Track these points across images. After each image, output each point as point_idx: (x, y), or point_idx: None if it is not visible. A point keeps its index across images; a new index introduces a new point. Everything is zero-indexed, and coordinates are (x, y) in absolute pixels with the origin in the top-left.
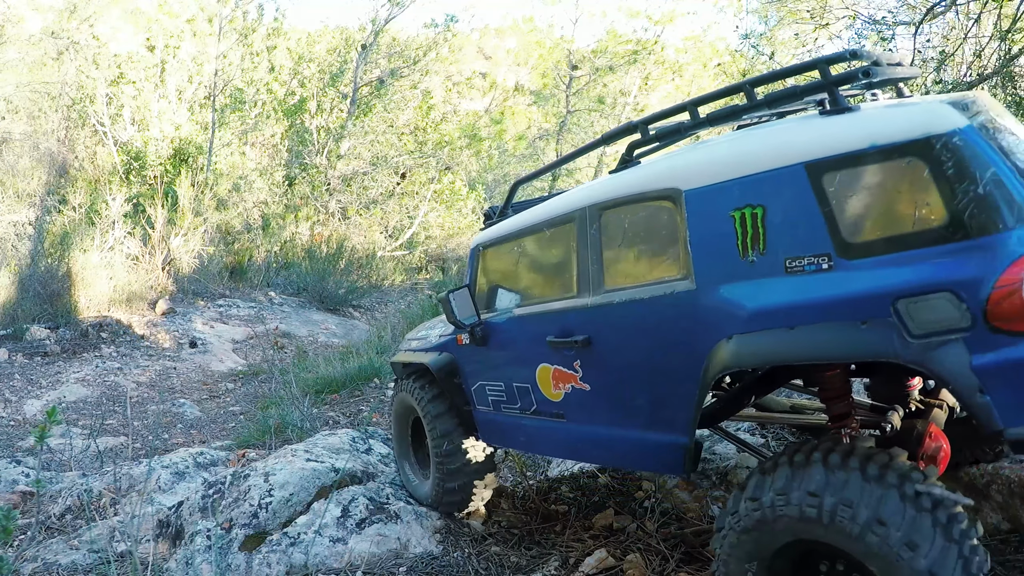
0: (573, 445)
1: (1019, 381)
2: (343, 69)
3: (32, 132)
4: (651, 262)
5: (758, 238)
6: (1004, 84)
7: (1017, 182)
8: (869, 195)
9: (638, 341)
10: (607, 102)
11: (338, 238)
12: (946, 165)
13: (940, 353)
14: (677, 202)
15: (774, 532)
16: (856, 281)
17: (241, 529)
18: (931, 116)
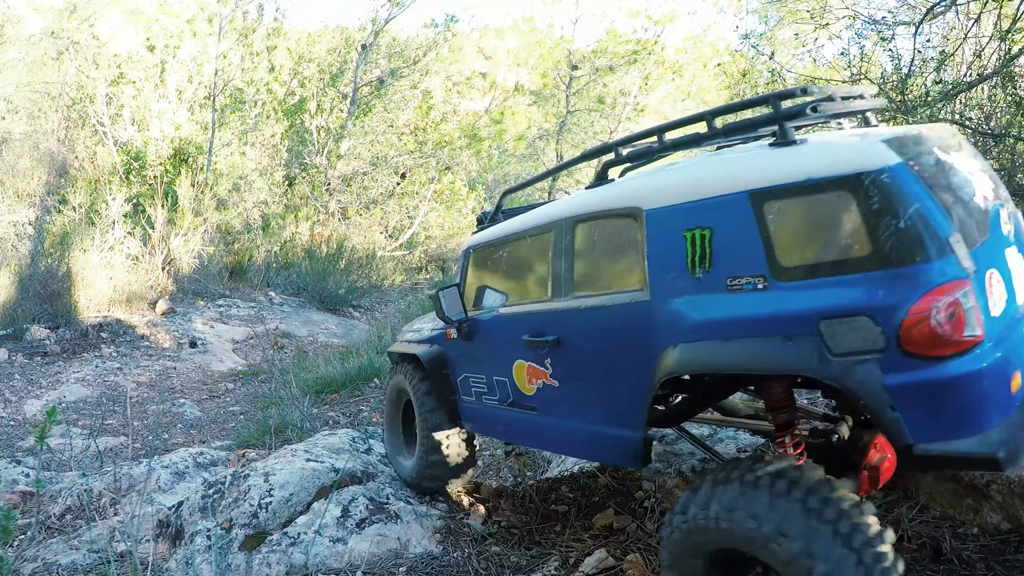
0: (543, 436)
1: (927, 402)
2: (343, 69)
3: (32, 132)
4: (615, 272)
5: (705, 257)
6: (1004, 84)
7: (941, 218)
8: (803, 224)
9: (600, 343)
10: (607, 102)
11: (338, 238)
12: (872, 200)
13: (856, 371)
14: (639, 219)
15: (701, 540)
16: (786, 301)
17: (241, 529)
18: (864, 154)
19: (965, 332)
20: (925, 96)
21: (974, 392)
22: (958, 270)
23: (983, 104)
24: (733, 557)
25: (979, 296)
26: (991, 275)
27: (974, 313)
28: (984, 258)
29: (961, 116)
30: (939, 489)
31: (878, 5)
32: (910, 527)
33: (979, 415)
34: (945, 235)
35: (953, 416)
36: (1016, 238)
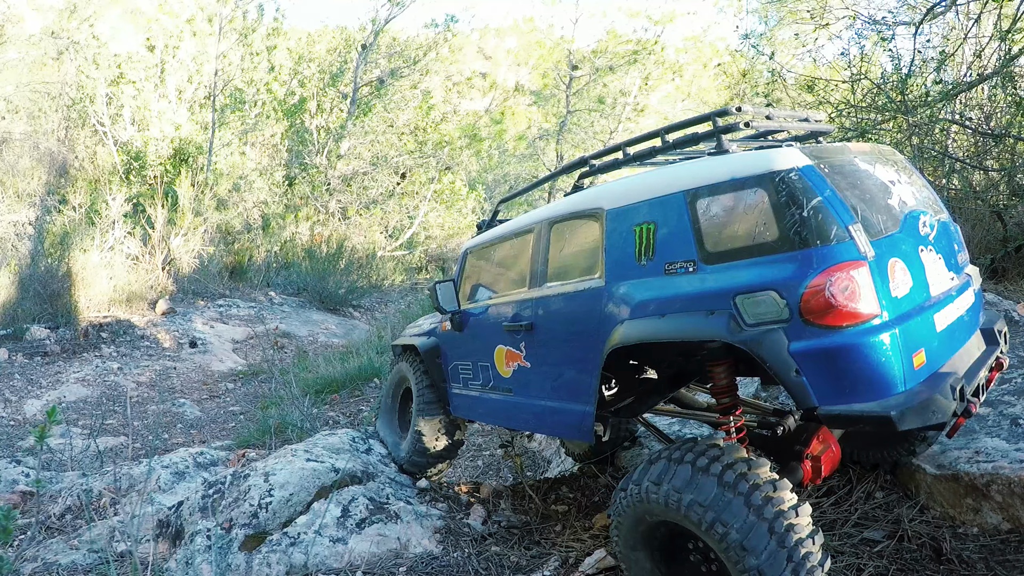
0: (517, 415)
1: (826, 366)
2: (343, 69)
3: (32, 132)
4: (580, 263)
5: (649, 247)
6: (1004, 84)
7: (842, 210)
8: (726, 216)
9: (564, 325)
10: (607, 102)
11: (338, 238)
12: (782, 194)
13: (764, 339)
14: (600, 218)
15: (637, 513)
16: (709, 281)
17: (241, 529)
18: (779, 157)
19: (859, 306)
20: (925, 96)
21: (869, 359)
22: (855, 253)
23: (983, 104)
24: (673, 530)
25: (876, 277)
26: (894, 263)
27: (869, 291)
28: (888, 248)
29: (961, 116)
30: (939, 489)
31: (878, 5)
32: (910, 527)
33: (875, 380)
34: (844, 224)
35: (851, 380)
36: (937, 242)
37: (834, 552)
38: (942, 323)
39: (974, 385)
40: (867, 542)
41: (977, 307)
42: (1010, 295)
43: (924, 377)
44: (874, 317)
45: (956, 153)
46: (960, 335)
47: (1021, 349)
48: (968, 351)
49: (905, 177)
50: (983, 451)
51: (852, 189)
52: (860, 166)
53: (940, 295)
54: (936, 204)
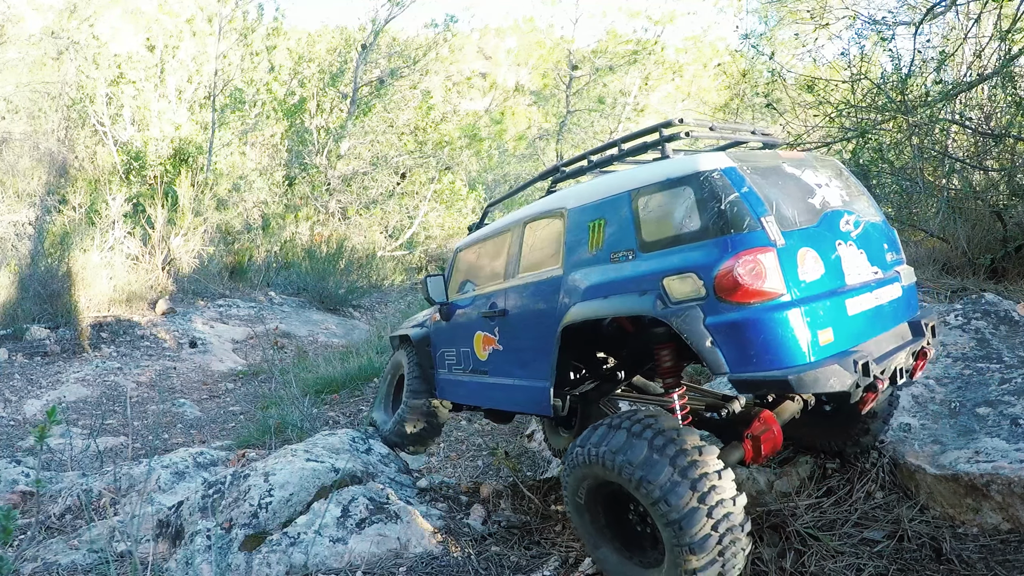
0: (491, 394)
1: (736, 337)
2: (343, 69)
3: (32, 132)
4: (545, 256)
5: (599, 239)
6: (1004, 84)
7: (757, 204)
8: (660, 210)
9: (530, 311)
10: (607, 102)
11: (338, 238)
12: (704, 190)
13: (685, 314)
14: (563, 216)
15: (582, 473)
16: (643, 266)
17: (241, 529)
18: (705, 160)
19: (764, 285)
20: (925, 96)
21: (773, 332)
22: (764, 240)
23: (983, 104)
24: (614, 493)
25: (784, 262)
26: (805, 252)
27: (775, 273)
28: (800, 239)
29: (961, 116)
30: (939, 489)
31: (878, 5)
32: (910, 527)
33: (779, 351)
34: (757, 216)
35: (757, 350)
36: (860, 239)
37: (834, 552)
38: (855, 309)
39: (886, 366)
40: (867, 542)
41: (904, 301)
42: (1010, 295)
43: (831, 353)
44: (779, 296)
45: (956, 153)
46: (879, 322)
47: (1021, 349)
48: (887, 338)
49: (836, 182)
50: (983, 451)
51: (772, 188)
52: (786, 170)
53: (856, 284)
54: (869, 209)
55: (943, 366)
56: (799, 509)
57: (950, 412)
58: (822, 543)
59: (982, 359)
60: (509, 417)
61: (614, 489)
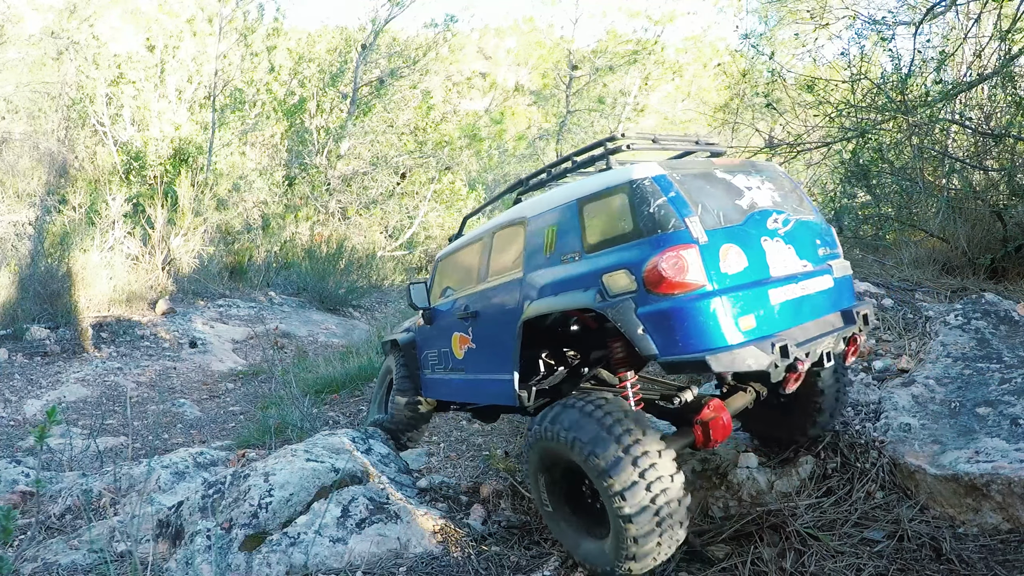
0: (467, 389)
1: (664, 325)
2: (343, 69)
3: (32, 132)
4: (509, 261)
5: (553, 244)
6: (1004, 84)
7: (682, 207)
8: (601, 215)
9: (496, 311)
10: (607, 102)
11: (338, 238)
12: (636, 196)
13: (620, 306)
14: (524, 225)
15: (539, 449)
16: (587, 266)
17: (241, 529)
18: (638, 169)
19: (687, 278)
20: (925, 96)
21: (695, 319)
22: (687, 238)
23: (983, 104)
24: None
25: (706, 257)
26: (727, 247)
27: (697, 267)
28: (724, 236)
29: (961, 116)
30: (939, 489)
31: (878, 5)
32: (910, 527)
33: (701, 335)
34: (682, 217)
35: (682, 334)
36: (788, 235)
37: (834, 552)
38: (779, 298)
39: (809, 349)
40: (867, 542)
41: (835, 291)
42: (1010, 295)
43: (752, 338)
44: (702, 287)
45: (956, 153)
46: (805, 310)
47: (1021, 349)
48: (815, 324)
49: (770, 185)
50: (983, 451)
51: (700, 192)
52: (718, 175)
53: (781, 276)
54: (803, 209)
55: (943, 366)
56: (799, 509)
57: (950, 412)
58: (822, 543)
59: (982, 359)
60: (495, 415)
61: (568, 466)
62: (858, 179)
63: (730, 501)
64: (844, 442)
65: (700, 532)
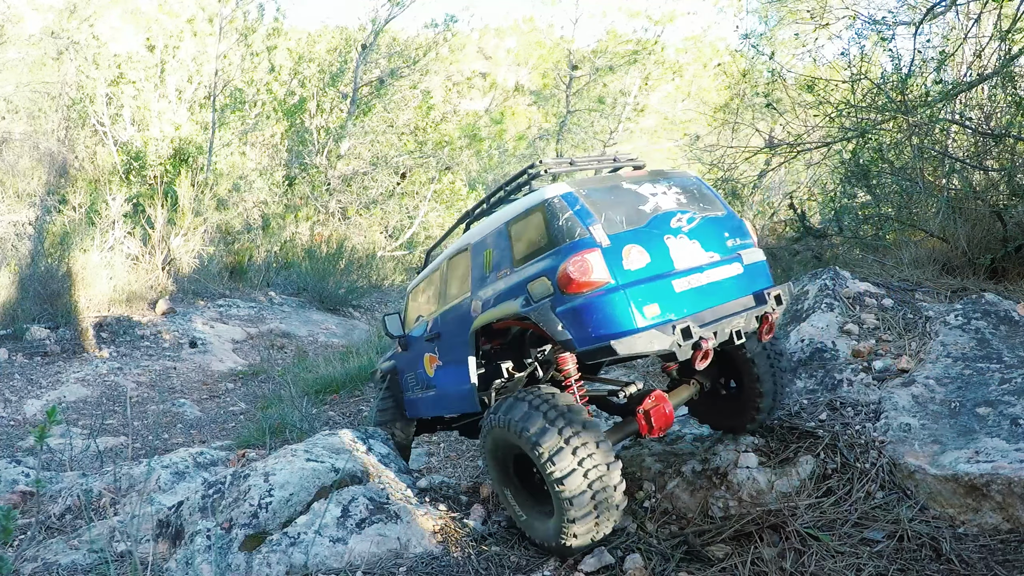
0: (439, 403)
1: (576, 319)
2: (343, 69)
3: (32, 132)
4: (461, 284)
5: (490, 263)
6: (1004, 84)
7: (587, 217)
8: (524, 233)
9: (454, 329)
10: (607, 102)
11: (338, 238)
12: (549, 213)
13: (542, 308)
14: (469, 250)
15: (494, 437)
16: (516, 278)
17: (241, 529)
18: (550, 189)
19: (592, 277)
20: (925, 96)
21: (603, 311)
22: (591, 243)
23: (983, 104)
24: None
25: (609, 258)
26: (630, 248)
27: (601, 267)
28: (626, 238)
29: (961, 116)
30: (939, 489)
31: (878, 5)
32: (910, 527)
33: (609, 324)
34: (586, 225)
35: (593, 326)
36: (692, 232)
37: (834, 552)
38: (683, 287)
39: (717, 329)
40: (867, 542)
41: (746, 277)
42: (1010, 295)
43: (657, 323)
44: (607, 284)
45: (956, 153)
46: (713, 295)
47: (1021, 349)
48: (723, 307)
49: (675, 190)
50: (983, 451)
51: (605, 203)
52: (624, 187)
53: (685, 268)
54: (712, 207)
55: (943, 366)
56: (799, 509)
57: (950, 412)
58: (822, 543)
59: (982, 359)
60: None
61: (520, 454)
62: (858, 179)
63: (730, 501)
64: (844, 442)
65: (700, 532)
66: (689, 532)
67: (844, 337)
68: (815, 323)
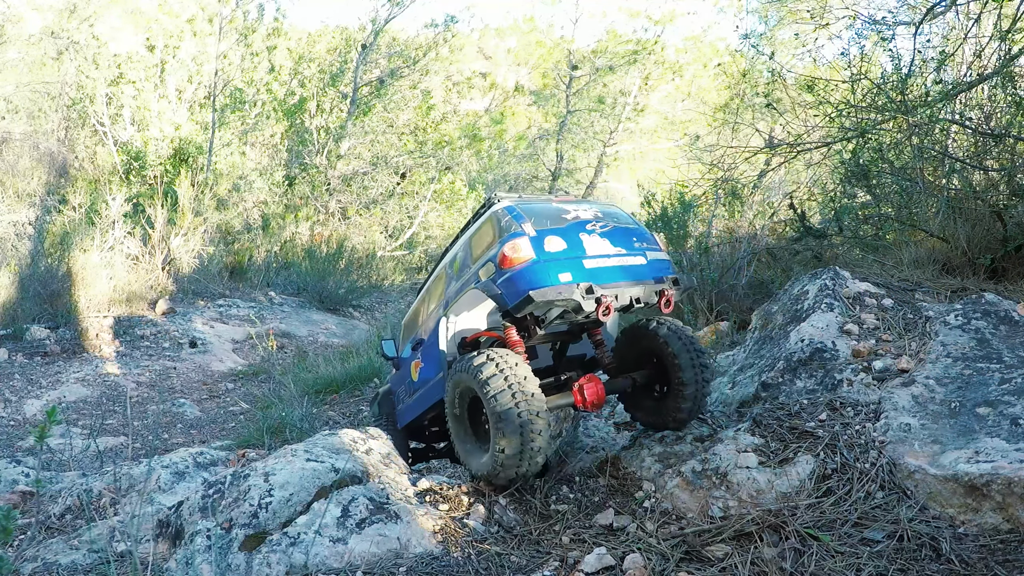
0: (421, 401)
1: (509, 284)
2: (343, 69)
3: (32, 132)
4: (438, 299)
5: (457, 269)
6: (1004, 84)
7: (520, 219)
8: (480, 239)
9: (431, 328)
10: (607, 102)
11: (338, 238)
12: (495, 219)
13: (489, 283)
14: (444, 273)
15: (456, 382)
16: (474, 270)
17: (241, 529)
18: (499, 204)
19: (520, 255)
20: (925, 96)
21: (527, 275)
22: (520, 234)
23: (983, 104)
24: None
25: (534, 243)
26: (551, 237)
27: (527, 248)
28: (548, 232)
29: (961, 116)
30: (939, 489)
31: (878, 5)
32: (910, 527)
33: (530, 283)
34: (520, 223)
35: (520, 287)
36: (603, 235)
37: (834, 552)
38: (592, 264)
39: (619, 293)
40: (867, 542)
41: (649, 267)
42: (1010, 295)
43: (569, 283)
44: (532, 259)
45: (956, 153)
46: (618, 274)
47: (1021, 349)
48: (624, 284)
49: (595, 210)
50: (983, 451)
51: (536, 212)
52: (552, 205)
53: (595, 254)
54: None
55: (943, 366)
56: (799, 509)
57: (950, 412)
58: (822, 543)
59: (982, 359)
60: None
61: (474, 395)
62: (858, 179)
63: (730, 501)
64: (844, 442)
65: (700, 532)
66: (689, 532)
67: (844, 337)
68: (815, 323)
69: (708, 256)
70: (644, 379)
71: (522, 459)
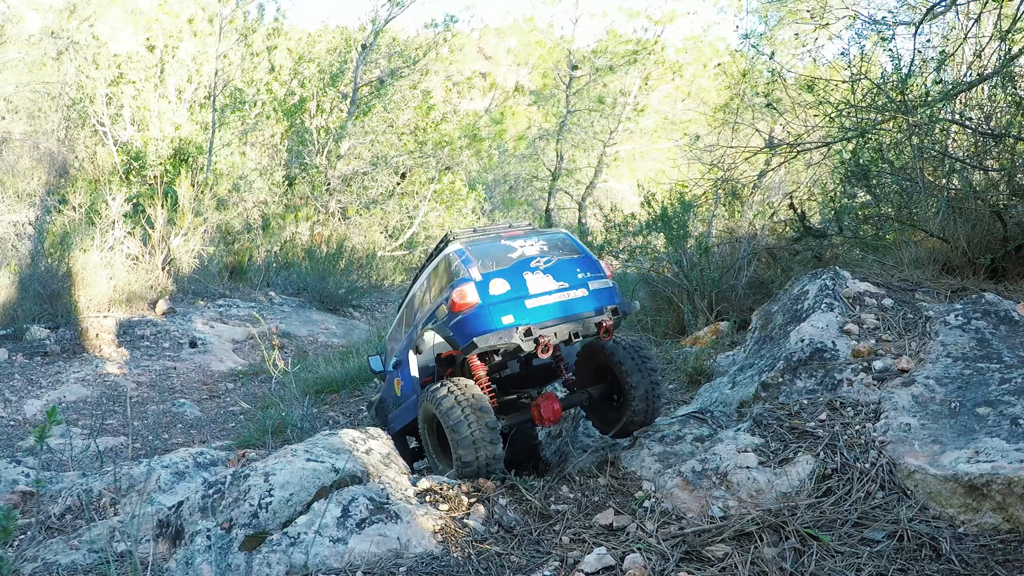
0: (404, 415)
1: (458, 328)
2: (343, 69)
3: (32, 132)
4: (408, 323)
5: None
6: (1004, 84)
7: (469, 263)
8: (436, 278)
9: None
10: (607, 102)
11: (338, 238)
12: (448, 262)
13: (443, 325)
14: (412, 301)
15: (425, 409)
16: (433, 308)
17: (241, 529)
18: (450, 247)
19: (468, 300)
20: (925, 96)
21: (473, 320)
22: (467, 279)
23: (983, 104)
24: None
25: (480, 288)
26: (496, 280)
27: (473, 293)
28: (494, 275)
29: (961, 116)
30: (938, 489)
31: (878, 5)
32: (910, 527)
33: (476, 328)
34: (468, 267)
35: (468, 331)
36: (547, 270)
37: (834, 552)
38: (534, 304)
39: (557, 331)
40: (867, 542)
41: (592, 298)
42: (1010, 295)
43: (511, 326)
44: (477, 304)
45: (956, 153)
46: (559, 310)
47: (1021, 349)
48: (565, 319)
49: (541, 243)
50: (983, 451)
51: (484, 253)
52: (500, 242)
53: (537, 292)
54: (568, 253)
55: (943, 366)
56: (799, 509)
57: (950, 412)
58: (822, 543)
59: (982, 359)
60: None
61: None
62: (858, 179)
63: (730, 501)
64: (844, 442)
65: (700, 532)
66: (689, 532)
67: (844, 337)
68: (815, 323)
69: (708, 256)
70: (599, 392)
71: (479, 468)
